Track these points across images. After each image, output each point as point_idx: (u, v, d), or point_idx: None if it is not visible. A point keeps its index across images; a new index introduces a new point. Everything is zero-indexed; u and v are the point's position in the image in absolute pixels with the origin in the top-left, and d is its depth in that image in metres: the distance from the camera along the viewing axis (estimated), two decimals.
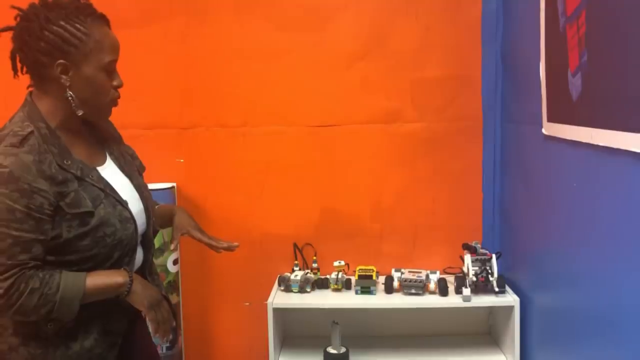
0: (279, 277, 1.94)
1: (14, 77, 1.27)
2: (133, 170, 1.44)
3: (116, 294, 1.28)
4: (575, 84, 1.26)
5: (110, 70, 1.29)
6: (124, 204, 1.33)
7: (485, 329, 2.07)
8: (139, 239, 1.40)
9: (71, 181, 1.24)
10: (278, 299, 1.86)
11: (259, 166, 2.04)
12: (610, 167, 1.14)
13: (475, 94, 2.00)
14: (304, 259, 2.04)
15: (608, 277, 1.18)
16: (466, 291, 1.78)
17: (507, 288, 1.82)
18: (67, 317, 1.25)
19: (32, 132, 1.23)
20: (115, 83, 1.31)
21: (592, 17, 1.17)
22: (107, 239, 1.27)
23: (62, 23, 1.23)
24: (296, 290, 1.89)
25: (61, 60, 1.23)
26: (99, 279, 1.26)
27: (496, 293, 1.79)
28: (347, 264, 1.96)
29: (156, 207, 1.60)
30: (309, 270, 1.97)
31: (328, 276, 1.94)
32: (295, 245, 2.04)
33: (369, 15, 1.99)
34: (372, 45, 1.99)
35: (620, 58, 1.06)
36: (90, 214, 1.24)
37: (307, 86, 2.01)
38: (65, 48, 1.23)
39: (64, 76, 1.24)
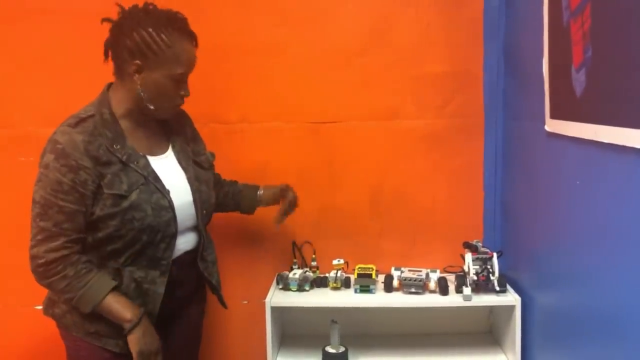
0: (278, 275, 1.92)
1: (104, 62, 1.46)
2: (189, 164, 1.59)
3: (120, 324, 1.42)
4: (579, 79, 1.24)
5: (179, 81, 1.47)
6: (164, 193, 1.47)
7: (486, 328, 2.05)
8: (188, 228, 1.55)
9: (114, 164, 1.40)
10: (276, 297, 1.84)
11: (257, 163, 2.02)
12: (614, 165, 1.12)
13: (477, 90, 1.97)
14: (302, 257, 2.02)
15: (611, 276, 1.16)
16: (467, 290, 1.76)
17: (508, 287, 1.80)
18: (82, 310, 1.41)
19: (92, 115, 1.41)
20: (182, 92, 1.49)
21: (597, 11, 1.15)
22: (135, 223, 1.41)
23: (150, 30, 1.40)
24: (295, 289, 1.87)
25: (138, 61, 1.41)
26: (115, 304, 1.41)
27: (497, 292, 1.77)
28: (346, 263, 1.93)
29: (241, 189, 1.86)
30: (308, 269, 1.95)
31: (327, 275, 1.92)
32: (294, 244, 2.02)
33: (368, 10, 1.96)
34: (372, 40, 1.97)
35: (625, 53, 1.03)
36: (123, 197, 1.40)
37: (306, 82, 1.99)
38: (145, 52, 1.40)
39: (136, 75, 1.42)
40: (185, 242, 1.56)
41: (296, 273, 1.89)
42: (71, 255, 1.39)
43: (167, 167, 1.53)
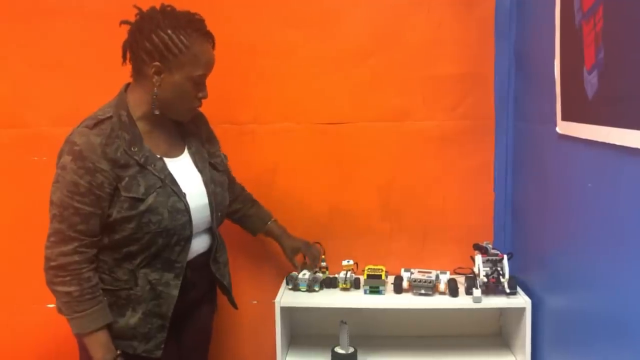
0: (287, 276, 1.93)
1: (122, 64, 1.46)
2: (205, 166, 1.59)
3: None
4: (591, 81, 1.23)
5: (198, 83, 1.46)
6: (180, 195, 1.47)
7: (495, 331, 2.04)
8: (203, 230, 1.57)
9: (132, 166, 1.40)
10: (286, 297, 1.84)
11: (268, 163, 2.03)
12: (626, 167, 1.11)
13: (488, 91, 1.96)
14: None
15: (622, 279, 1.16)
16: (477, 292, 1.76)
17: (519, 289, 1.79)
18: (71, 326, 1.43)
19: (109, 117, 1.41)
20: (200, 95, 1.50)
21: (609, 13, 1.14)
22: (152, 226, 1.41)
23: (169, 32, 1.41)
24: (304, 289, 1.88)
25: (157, 63, 1.41)
26: (94, 341, 1.41)
27: (507, 294, 1.77)
28: (355, 263, 1.93)
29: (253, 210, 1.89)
30: (318, 269, 1.96)
31: (336, 275, 1.92)
32: None
33: (379, 11, 1.96)
34: (383, 41, 1.97)
35: (638, 55, 1.03)
36: (140, 200, 1.40)
37: (317, 83, 1.99)
38: (164, 53, 1.40)
39: (156, 77, 1.42)
40: (199, 244, 1.57)
41: (306, 273, 1.90)
42: (82, 264, 1.39)
43: (183, 169, 1.54)
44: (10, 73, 2.02)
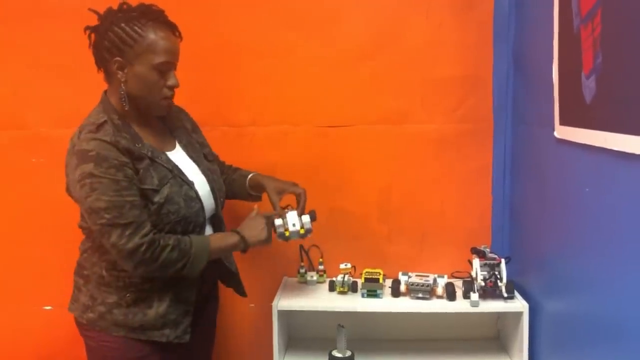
0: (271, 223, 1.67)
1: (98, 71, 1.47)
2: (199, 156, 1.62)
3: (235, 250, 1.57)
4: (589, 86, 1.23)
5: (163, 71, 1.45)
6: (190, 184, 1.50)
7: (493, 335, 2.04)
8: (208, 218, 1.59)
9: (144, 159, 1.43)
10: (283, 301, 1.84)
11: (267, 165, 2.02)
12: (624, 172, 1.11)
13: (486, 95, 1.96)
14: (310, 260, 2.02)
15: (619, 283, 1.16)
16: (474, 296, 1.76)
17: (516, 293, 1.79)
18: (195, 273, 1.46)
19: (105, 121, 1.42)
20: (169, 83, 1.47)
21: (607, 18, 1.14)
22: (171, 216, 1.44)
23: (123, 25, 1.41)
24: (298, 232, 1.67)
25: (118, 58, 1.41)
26: (218, 241, 1.52)
27: (505, 298, 1.77)
28: (353, 267, 1.93)
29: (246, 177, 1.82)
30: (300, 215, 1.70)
31: (334, 278, 1.92)
32: (301, 247, 2.02)
33: (378, 13, 1.96)
34: (382, 44, 1.96)
35: (636, 60, 1.02)
36: (155, 191, 1.42)
37: (316, 85, 1.99)
38: (121, 47, 1.40)
39: (120, 72, 1.42)
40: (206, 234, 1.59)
41: (295, 224, 1.67)
42: (158, 235, 1.41)
43: (180, 161, 1.56)
44: (10, 74, 2.02)
